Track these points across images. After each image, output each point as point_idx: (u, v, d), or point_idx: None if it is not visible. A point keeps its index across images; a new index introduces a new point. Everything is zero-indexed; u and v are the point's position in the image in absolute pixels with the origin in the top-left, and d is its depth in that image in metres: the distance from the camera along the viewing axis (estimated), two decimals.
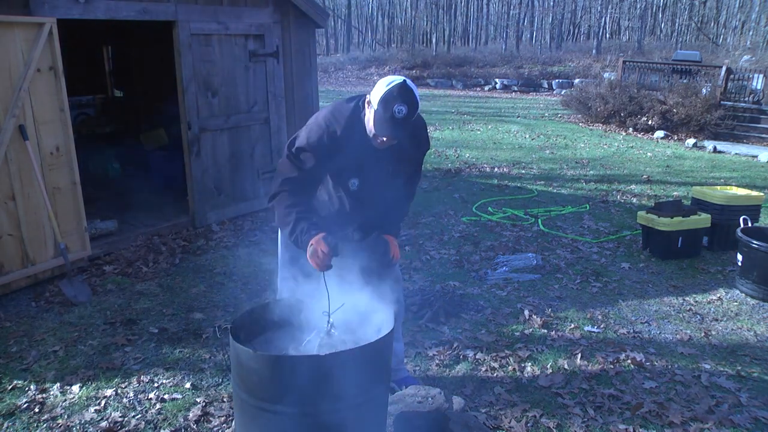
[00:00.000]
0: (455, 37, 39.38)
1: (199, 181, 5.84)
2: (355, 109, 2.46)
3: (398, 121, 2.27)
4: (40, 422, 2.87)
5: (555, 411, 2.97)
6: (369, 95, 2.37)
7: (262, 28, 6.10)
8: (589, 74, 23.24)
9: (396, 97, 2.26)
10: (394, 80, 2.31)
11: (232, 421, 2.84)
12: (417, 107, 2.32)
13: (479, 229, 6.05)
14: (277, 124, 6.50)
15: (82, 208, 4.75)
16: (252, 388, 2.12)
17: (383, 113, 2.28)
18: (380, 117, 2.30)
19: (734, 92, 13.83)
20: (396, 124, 2.29)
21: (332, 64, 33.05)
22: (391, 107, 2.26)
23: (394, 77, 2.34)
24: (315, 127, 2.49)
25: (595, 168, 9.45)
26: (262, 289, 4.46)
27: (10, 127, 4.15)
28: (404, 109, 2.26)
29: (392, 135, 2.33)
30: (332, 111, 2.51)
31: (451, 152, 10.63)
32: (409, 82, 2.33)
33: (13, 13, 4.19)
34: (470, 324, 3.91)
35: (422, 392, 2.59)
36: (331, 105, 2.57)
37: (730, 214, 5.30)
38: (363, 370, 2.13)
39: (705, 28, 34.32)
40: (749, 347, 3.69)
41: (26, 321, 3.95)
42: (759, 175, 9.10)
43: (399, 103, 2.26)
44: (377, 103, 2.30)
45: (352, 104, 2.49)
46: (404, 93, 2.28)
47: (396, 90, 2.28)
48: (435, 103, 19.65)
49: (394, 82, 2.30)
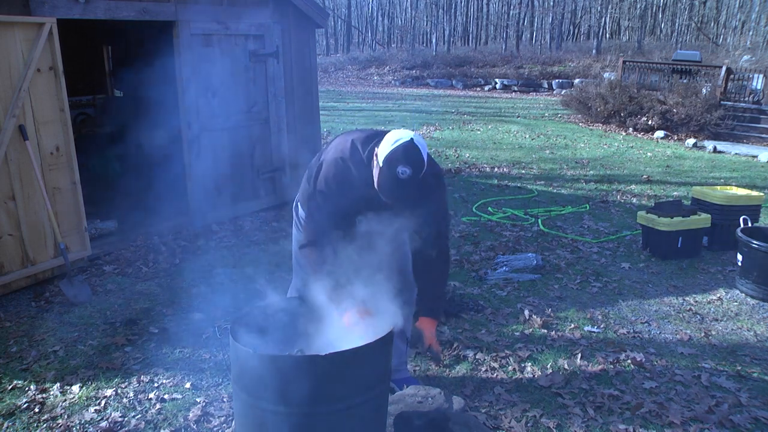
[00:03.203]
0: (455, 37, 39.39)
1: (199, 181, 5.84)
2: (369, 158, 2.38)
3: (402, 182, 2.19)
4: (40, 422, 2.87)
5: (555, 411, 2.97)
6: (378, 148, 2.29)
7: (262, 28, 6.10)
8: (589, 74, 23.23)
9: (400, 158, 2.18)
10: (401, 138, 2.22)
11: (232, 421, 2.84)
12: (423, 167, 2.22)
13: (479, 229, 6.05)
14: (277, 124, 6.50)
15: (82, 208, 4.75)
16: (252, 388, 2.12)
17: (387, 173, 2.20)
18: (384, 177, 2.22)
19: (734, 92, 13.83)
20: (400, 185, 2.20)
21: (332, 64, 33.06)
22: (394, 168, 2.17)
23: (402, 134, 2.24)
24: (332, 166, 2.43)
25: (595, 168, 9.45)
26: (263, 289, 4.46)
27: (10, 127, 4.15)
28: (408, 170, 2.17)
29: (396, 197, 2.25)
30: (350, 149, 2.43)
31: (451, 152, 10.63)
32: (416, 140, 2.23)
33: (13, 13, 4.19)
34: (470, 324, 3.91)
35: (422, 392, 2.59)
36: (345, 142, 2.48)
37: (730, 214, 5.30)
38: (363, 370, 2.14)
39: (705, 28, 34.32)
40: (749, 347, 3.68)
41: (26, 321, 3.95)
42: (759, 175, 9.10)
43: (403, 165, 2.17)
44: (382, 161, 2.22)
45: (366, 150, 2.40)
46: (409, 153, 2.19)
47: (401, 150, 2.19)
48: (435, 103, 19.65)
49: (399, 141, 2.21)
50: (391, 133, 2.28)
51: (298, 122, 6.81)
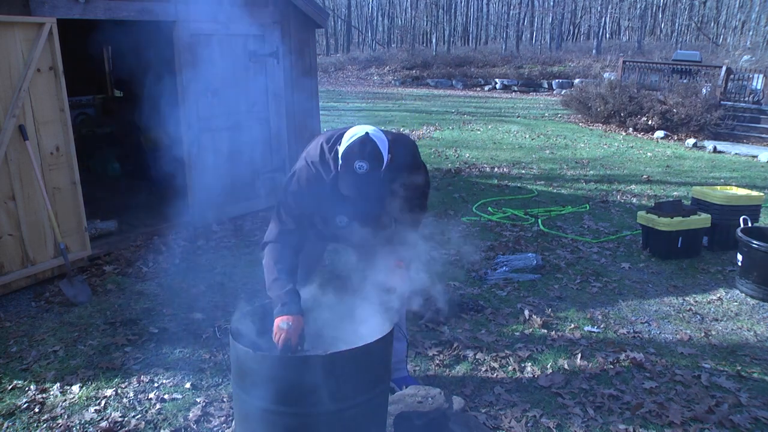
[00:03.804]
0: (455, 37, 39.39)
1: (199, 181, 5.84)
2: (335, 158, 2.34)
3: (360, 177, 2.16)
4: (40, 422, 2.87)
5: (555, 411, 2.97)
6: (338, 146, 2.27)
7: (262, 28, 6.10)
8: (589, 74, 23.24)
9: (356, 153, 2.16)
10: (356, 134, 2.20)
11: (232, 421, 2.84)
12: (382, 160, 2.19)
13: (479, 229, 6.05)
14: (277, 124, 6.50)
15: (82, 208, 4.75)
16: (252, 388, 2.12)
17: (345, 169, 2.19)
18: (343, 173, 2.20)
19: (734, 92, 13.84)
20: (359, 181, 2.17)
21: (332, 64, 33.06)
22: (352, 163, 2.16)
23: (358, 129, 2.22)
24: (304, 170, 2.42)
25: (595, 168, 9.45)
26: (262, 289, 4.46)
27: (10, 127, 4.15)
28: (365, 165, 2.15)
29: (356, 193, 2.21)
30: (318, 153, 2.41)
31: (451, 152, 10.63)
32: (372, 134, 2.20)
33: (13, 13, 4.19)
34: (470, 324, 3.91)
35: (422, 392, 2.59)
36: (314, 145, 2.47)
37: (730, 214, 5.30)
38: (363, 370, 2.14)
39: (705, 28, 34.32)
40: (749, 347, 3.68)
41: (26, 321, 3.95)
42: (759, 175, 9.10)
43: (359, 159, 2.15)
44: (341, 158, 2.21)
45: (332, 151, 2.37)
46: (364, 148, 2.16)
47: (357, 145, 2.17)
48: (435, 103, 19.66)
49: (355, 136, 2.19)
50: (350, 129, 2.26)
51: (298, 122, 6.81)
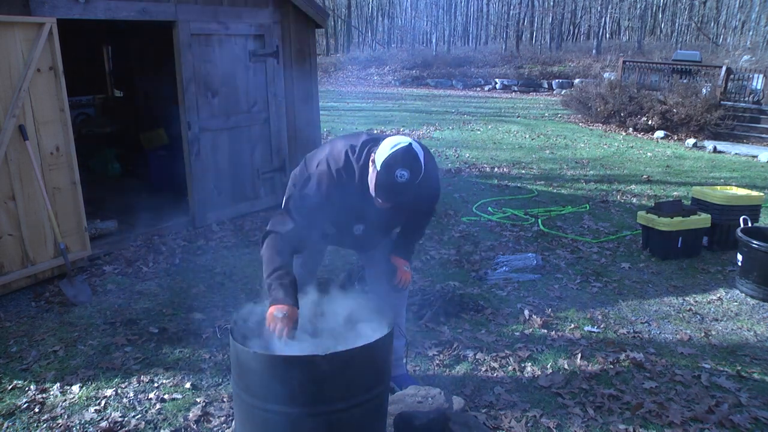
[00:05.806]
0: (455, 37, 39.38)
1: (199, 181, 5.84)
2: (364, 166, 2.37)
3: (399, 185, 2.20)
4: (40, 422, 2.87)
5: (555, 411, 2.97)
6: (374, 153, 2.28)
7: (262, 28, 6.10)
8: (589, 74, 23.24)
9: (399, 162, 2.18)
10: (399, 143, 2.23)
11: (232, 421, 2.84)
12: (420, 171, 2.24)
13: (479, 229, 6.05)
14: (277, 125, 6.50)
15: (82, 208, 4.75)
16: (252, 388, 2.12)
17: (385, 177, 2.20)
18: (382, 181, 2.22)
19: (734, 92, 13.83)
20: (397, 189, 2.21)
21: (332, 64, 33.03)
22: (393, 171, 2.18)
23: (400, 139, 2.25)
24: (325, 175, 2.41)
25: (595, 168, 9.45)
26: (262, 289, 4.46)
27: (10, 127, 4.15)
28: (406, 174, 2.18)
29: (392, 200, 2.26)
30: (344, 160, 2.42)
31: (451, 152, 10.63)
32: (415, 146, 2.25)
33: (13, 13, 4.19)
34: (470, 324, 3.91)
35: (422, 392, 2.59)
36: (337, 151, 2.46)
37: (730, 214, 5.30)
38: (363, 370, 2.14)
39: (705, 28, 34.31)
40: (749, 347, 3.69)
41: (26, 321, 3.95)
42: (759, 175, 9.10)
43: (401, 168, 2.18)
44: (380, 165, 2.22)
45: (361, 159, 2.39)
46: (408, 157, 2.20)
47: (400, 154, 2.19)
48: (435, 103, 19.65)
49: (398, 145, 2.22)
50: (389, 138, 2.29)
51: (298, 122, 6.81)
